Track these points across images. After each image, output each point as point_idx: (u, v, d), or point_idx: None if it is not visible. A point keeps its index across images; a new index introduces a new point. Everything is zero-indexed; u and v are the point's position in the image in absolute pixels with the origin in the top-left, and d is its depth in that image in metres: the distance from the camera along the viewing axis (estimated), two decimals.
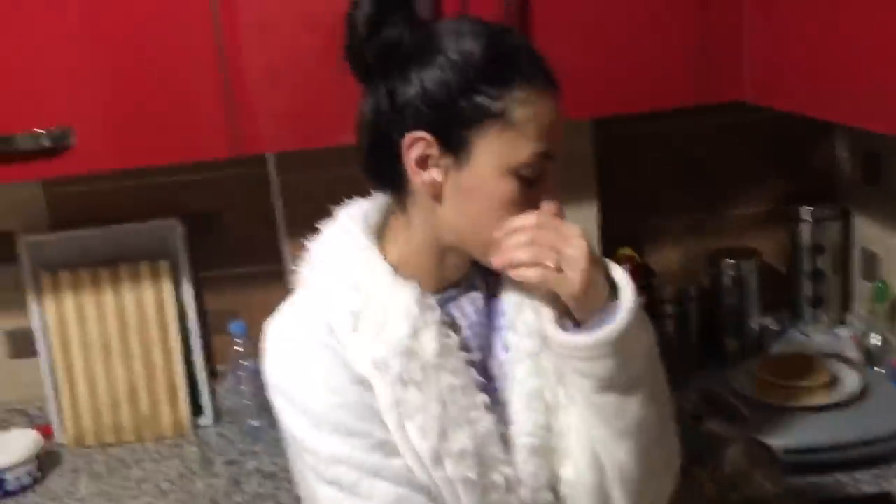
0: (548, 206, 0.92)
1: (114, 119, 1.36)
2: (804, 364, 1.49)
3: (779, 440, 1.33)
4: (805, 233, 1.78)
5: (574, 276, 0.87)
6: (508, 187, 0.90)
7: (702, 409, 1.51)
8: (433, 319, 0.94)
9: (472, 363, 0.97)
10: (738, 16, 1.36)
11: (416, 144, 0.90)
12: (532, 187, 0.91)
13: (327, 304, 0.95)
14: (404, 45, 0.90)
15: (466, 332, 0.99)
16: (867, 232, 1.75)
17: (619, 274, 0.92)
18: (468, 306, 1.00)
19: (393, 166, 0.93)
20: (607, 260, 0.94)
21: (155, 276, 1.73)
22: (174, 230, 1.74)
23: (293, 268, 1.01)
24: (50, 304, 1.72)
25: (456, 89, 0.89)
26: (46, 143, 1.33)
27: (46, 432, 1.76)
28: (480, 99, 0.88)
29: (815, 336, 1.72)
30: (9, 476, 1.57)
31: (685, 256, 1.87)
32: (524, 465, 0.96)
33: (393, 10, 0.91)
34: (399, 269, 0.96)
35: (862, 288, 1.77)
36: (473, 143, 0.89)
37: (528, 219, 0.90)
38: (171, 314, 1.73)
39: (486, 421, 0.95)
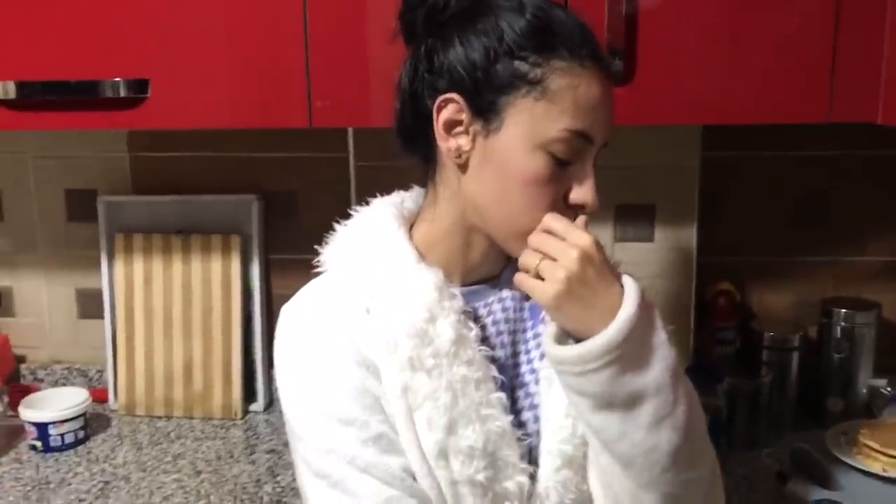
0: (583, 201, 0.86)
1: (192, 77, 1.31)
2: None
3: None
4: None
5: (548, 287, 0.80)
6: (537, 163, 0.83)
7: (789, 468, 1.33)
8: (453, 308, 0.88)
9: (491, 359, 0.89)
10: (880, 24, 1.20)
11: (447, 107, 0.86)
12: (564, 169, 0.84)
13: (343, 284, 0.90)
14: (451, 8, 0.86)
15: (490, 329, 0.92)
16: None
17: (630, 285, 0.82)
18: (496, 304, 0.94)
19: (423, 131, 0.89)
20: (626, 275, 0.84)
21: (226, 250, 1.68)
22: (251, 206, 1.69)
23: (318, 249, 0.95)
24: (119, 266, 1.70)
25: (495, 53, 0.83)
26: (123, 91, 1.30)
27: (101, 397, 1.74)
28: (518, 64, 0.83)
29: None
30: (53, 432, 1.55)
31: (793, 301, 1.68)
32: (553, 475, 0.87)
33: None
34: (425, 256, 0.91)
35: None
36: (505, 110, 0.84)
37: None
38: (237, 292, 1.68)
39: (501, 421, 0.87)
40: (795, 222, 1.66)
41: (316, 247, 0.97)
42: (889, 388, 1.53)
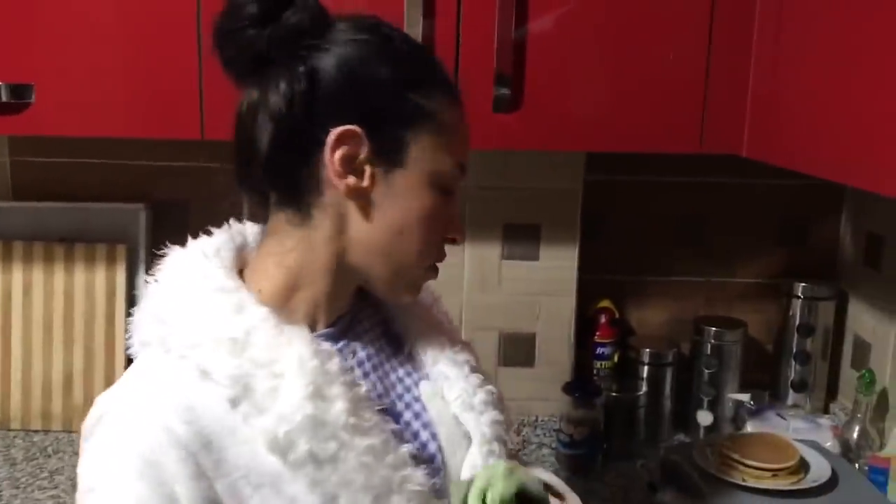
0: (455, 234, 0.87)
1: (79, 83, 1.29)
2: (774, 446, 1.38)
3: None
4: (796, 310, 1.68)
5: None
6: (433, 199, 0.82)
7: (659, 478, 1.40)
8: (335, 368, 0.78)
9: (382, 411, 0.82)
10: (746, 66, 1.29)
11: (344, 141, 0.78)
12: (449, 203, 0.84)
13: (192, 373, 0.75)
14: (310, 34, 0.78)
15: (357, 371, 0.85)
16: (862, 318, 1.65)
17: None
18: (358, 345, 0.87)
19: (300, 167, 0.79)
20: None
21: (111, 260, 1.65)
22: (138, 215, 1.66)
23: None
24: None
25: (390, 82, 0.79)
26: (5, 97, 1.27)
27: None
28: (414, 96, 0.79)
29: (794, 421, 1.60)
30: None
31: (667, 319, 1.77)
32: None
33: None
34: (280, 310, 0.80)
35: (850, 376, 1.66)
36: (408, 146, 0.80)
37: None
38: (121, 302, 1.65)
39: (419, 475, 0.80)
40: (671, 244, 1.75)
41: None
42: (751, 403, 1.63)
